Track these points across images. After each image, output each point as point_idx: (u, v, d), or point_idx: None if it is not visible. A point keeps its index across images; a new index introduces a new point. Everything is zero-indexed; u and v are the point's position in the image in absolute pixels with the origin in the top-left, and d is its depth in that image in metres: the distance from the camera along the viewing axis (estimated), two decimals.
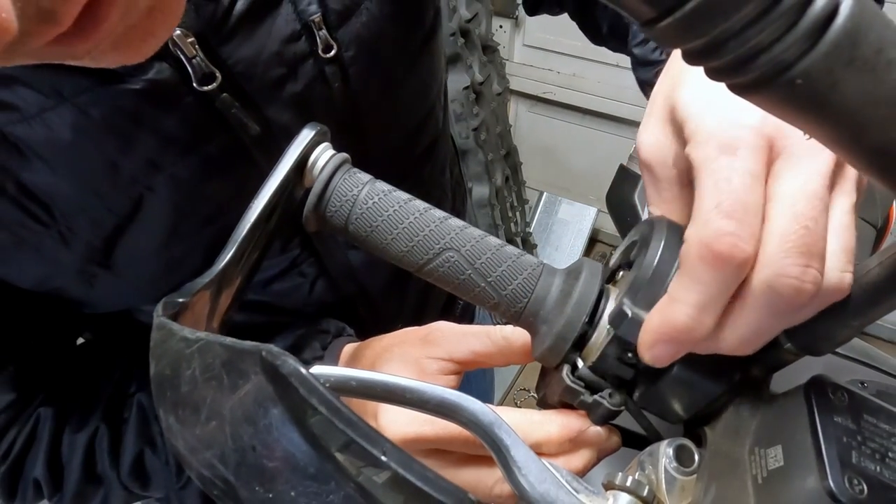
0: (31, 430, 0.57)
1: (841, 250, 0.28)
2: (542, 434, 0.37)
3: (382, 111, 0.58)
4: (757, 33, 0.18)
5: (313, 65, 0.51)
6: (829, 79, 0.18)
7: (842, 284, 0.28)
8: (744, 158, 0.29)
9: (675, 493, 0.34)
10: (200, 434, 0.26)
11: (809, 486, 0.27)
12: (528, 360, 0.42)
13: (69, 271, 0.50)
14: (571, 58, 2.38)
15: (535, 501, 0.30)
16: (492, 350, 0.43)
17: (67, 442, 0.57)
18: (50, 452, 0.56)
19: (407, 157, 0.66)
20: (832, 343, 0.31)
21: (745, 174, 0.28)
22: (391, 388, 0.31)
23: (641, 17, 0.19)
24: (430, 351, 0.43)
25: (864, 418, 0.30)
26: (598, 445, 0.39)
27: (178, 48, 0.43)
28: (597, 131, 2.53)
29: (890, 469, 0.28)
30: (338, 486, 0.24)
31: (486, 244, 0.38)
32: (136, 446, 0.58)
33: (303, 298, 0.63)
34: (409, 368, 0.43)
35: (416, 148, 0.67)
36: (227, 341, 0.26)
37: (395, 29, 0.56)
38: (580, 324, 0.35)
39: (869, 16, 0.18)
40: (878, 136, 0.20)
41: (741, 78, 0.19)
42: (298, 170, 0.38)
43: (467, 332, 0.43)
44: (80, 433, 0.57)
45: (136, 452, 0.58)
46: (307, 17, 0.49)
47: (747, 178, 0.28)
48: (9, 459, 0.56)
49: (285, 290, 0.62)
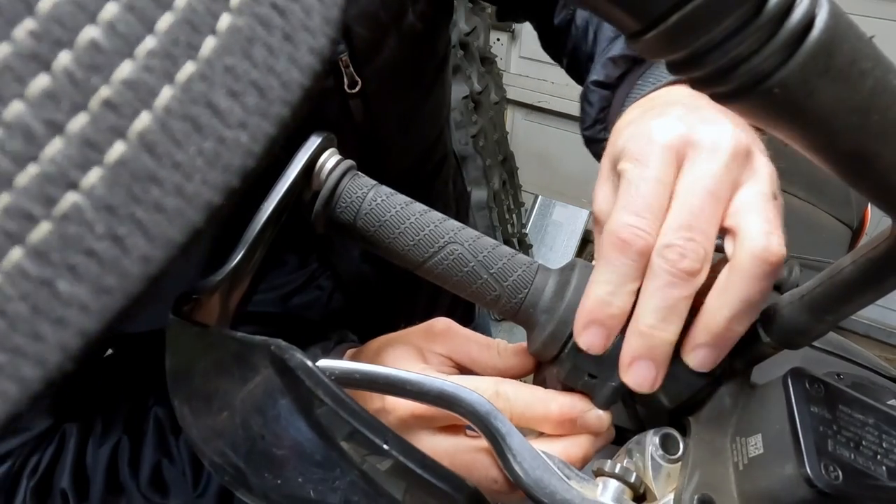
0: (59, 444, 0.57)
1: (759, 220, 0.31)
2: (542, 410, 0.37)
3: (400, 138, 0.59)
4: (737, 45, 0.18)
5: (339, 100, 0.51)
6: (805, 88, 0.18)
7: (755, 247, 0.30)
8: (651, 168, 0.32)
9: (661, 479, 0.34)
10: (213, 424, 0.26)
11: (788, 472, 0.27)
12: (522, 373, 0.41)
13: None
14: None
15: (529, 487, 0.30)
16: (489, 358, 0.41)
17: (91, 454, 0.56)
18: (75, 465, 0.56)
19: (418, 175, 0.66)
20: (808, 337, 0.31)
21: (651, 180, 0.32)
22: (393, 381, 0.31)
23: (627, 30, 0.19)
24: (432, 345, 0.43)
25: (840, 408, 0.30)
26: (599, 430, 0.38)
27: None
28: None
29: (863, 456, 0.28)
30: (343, 472, 0.24)
31: (484, 242, 0.38)
32: (153, 458, 0.57)
33: (321, 310, 0.64)
34: (412, 354, 0.42)
35: (427, 166, 0.67)
36: (238, 336, 0.26)
37: (414, 61, 0.56)
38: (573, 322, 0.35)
39: (843, 28, 0.18)
40: (851, 143, 0.20)
41: (722, 87, 0.19)
42: (306, 174, 0.38)
43: (470, 338, 0.42)
44: (104, 446, 0.56)
45: (154, 463, 0.56)
46: (335, 56, 0.49)
47: (652, 183, 0.32)
48: (37, 474, 0.56)
49: (304, 303, 0.62)
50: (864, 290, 0.28)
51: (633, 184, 0.32)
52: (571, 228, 2.63)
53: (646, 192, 0.32)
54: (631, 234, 0.31)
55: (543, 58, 2.59)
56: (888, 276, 0.26)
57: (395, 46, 0.53)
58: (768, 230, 0.30)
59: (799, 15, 0.18)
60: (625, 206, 0.32)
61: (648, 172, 0.32)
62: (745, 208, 0.31)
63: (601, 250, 0.33)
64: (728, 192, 0.31)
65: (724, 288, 0.31)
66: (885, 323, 2.39)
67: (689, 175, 0.31)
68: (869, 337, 2.43)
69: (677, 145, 0.32)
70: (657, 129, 0.33)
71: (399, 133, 0.59)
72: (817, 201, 1.82)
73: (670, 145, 0.32)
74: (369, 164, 0.54)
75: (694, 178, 0.31)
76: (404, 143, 0.60)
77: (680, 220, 0.31)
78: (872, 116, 0.19)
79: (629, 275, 0.31)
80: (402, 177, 0.61)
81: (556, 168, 2.68)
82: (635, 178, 0.32)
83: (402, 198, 0.39)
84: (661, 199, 0.31)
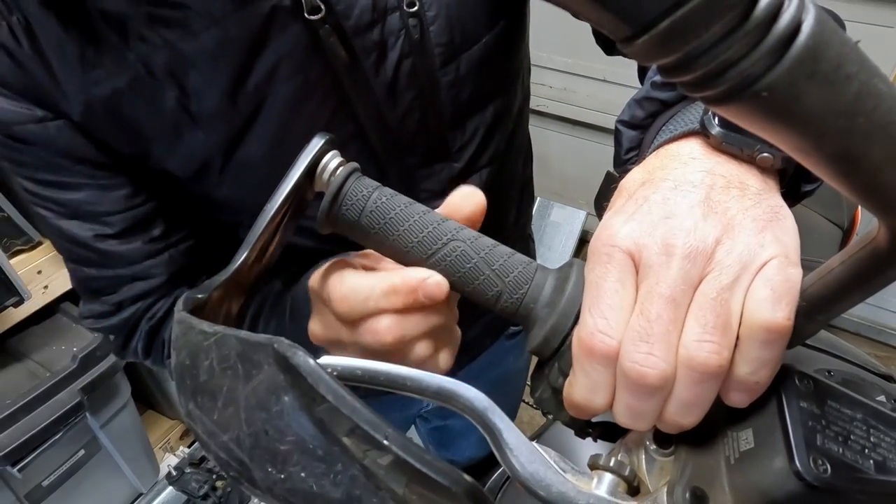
0: (173, 302, 0.65)
1: (696, 325, 0.30)
2: (388, 283, 0.38)
3: (453, 70, 0.61)
4: (725, 50, 0.18)
5: (399, 17, 0.55)
6: (792, 91, 0.18)
7: (697, 354, 0.29)
8: (612, 269, 0.32)
9: (654, 472, 0.34)
10: (218, 419, 0.26)
11: (777, 466, 0.27)
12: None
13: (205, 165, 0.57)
14: (563, 74, 2.38)
15: (526, 480, 0.30)
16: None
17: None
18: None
19: (471, 117, 0.66)
20: (801, 337, 0.30)
21: (613, 281, 0.32)
22: (394, 376, 0.31)
23: (619, 36, 0.19)
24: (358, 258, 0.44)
25: (828, 404, 0.30)
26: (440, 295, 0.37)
27: None
28: (586, 141, 2.53)
29: (851, 450, 0.28)
30: (345, 467, 0.24)
31: (484, 241, 0.38)
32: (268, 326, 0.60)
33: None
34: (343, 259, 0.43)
35: (483, 112, 0.67)
36: (242, 334, 0.26)
37: (477, 4, 0.59)
38: (574, 314, 0.35)
39: (829, 34, 0.18)
40: (837, 145, 0.20)
41: (711, 91, 0.19)
42: (309, 175, 0.38)
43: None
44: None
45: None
46: None
47: (614, 284, 0.32)
48: (153, 321, 0.65)
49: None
50: (854, 289, 0.28)
51: (594, 285, 0.32)
52: (569, 229, 2.63)
53: (607, 293, 0.32)
54: (597, 342, 0.31)
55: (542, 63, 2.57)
56: (876, 274, 0.26)
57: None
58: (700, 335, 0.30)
59: (786, 21, 0.18)
60: (589, 308, 0.32)
61: (609, 274, 0.32)
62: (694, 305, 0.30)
63: (573, 352, 0.33)
64: (687, 294, 0.30)
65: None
66: (876, 321, 2.39)
67: (645, 282, 0.31)
68: (860, 335, 2.43)
69: (633, 250, 0.32)
70: (618, 230, 0.33)
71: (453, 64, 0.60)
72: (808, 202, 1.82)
73: (629, 249, 0.32)
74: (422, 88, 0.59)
75: (649, 285, 0.31)
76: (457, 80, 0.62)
77: (638, 328, 0.30)
78: (858, 119, 0.19)
79: (602, 380, 0.32)
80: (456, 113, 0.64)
81: (555, 170, 2.68)
82: (597, 278, 0.32)
83: (405, 198, 0.39)
84: (624, 299, 0.31)
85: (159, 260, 0.62)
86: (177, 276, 0.64)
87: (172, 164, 0.57)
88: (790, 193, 0.39)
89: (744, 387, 0.30)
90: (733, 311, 0.30)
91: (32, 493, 1.46)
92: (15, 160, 0.56)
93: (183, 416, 0.29)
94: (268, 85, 0.53)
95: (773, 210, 0.33)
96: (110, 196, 0.59)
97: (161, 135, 0.55)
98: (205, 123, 0.54)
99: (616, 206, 0.36)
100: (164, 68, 0.51)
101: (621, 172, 0.40)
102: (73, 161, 0.56)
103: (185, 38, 0.50)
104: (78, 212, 0.58)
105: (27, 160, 0.55)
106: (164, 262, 0.63)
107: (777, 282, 0.29)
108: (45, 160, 0.55)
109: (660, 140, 0.42)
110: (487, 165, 0.71)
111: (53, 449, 1.44)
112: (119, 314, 0.64)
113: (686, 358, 0.30)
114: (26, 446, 1.37)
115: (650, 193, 0.34)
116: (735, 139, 0.36)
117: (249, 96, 0.53)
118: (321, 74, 0.54)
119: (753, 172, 0.36)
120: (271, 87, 0.53)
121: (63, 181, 0.57)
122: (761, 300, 0.29)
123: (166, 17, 0.49)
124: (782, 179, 0.38)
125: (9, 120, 0.52)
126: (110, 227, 0.59)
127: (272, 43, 0.52)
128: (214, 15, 0.49)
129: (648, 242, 0.32)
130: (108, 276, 0.62)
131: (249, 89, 0.53)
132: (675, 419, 0.31)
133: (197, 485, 1.74)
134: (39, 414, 1.40)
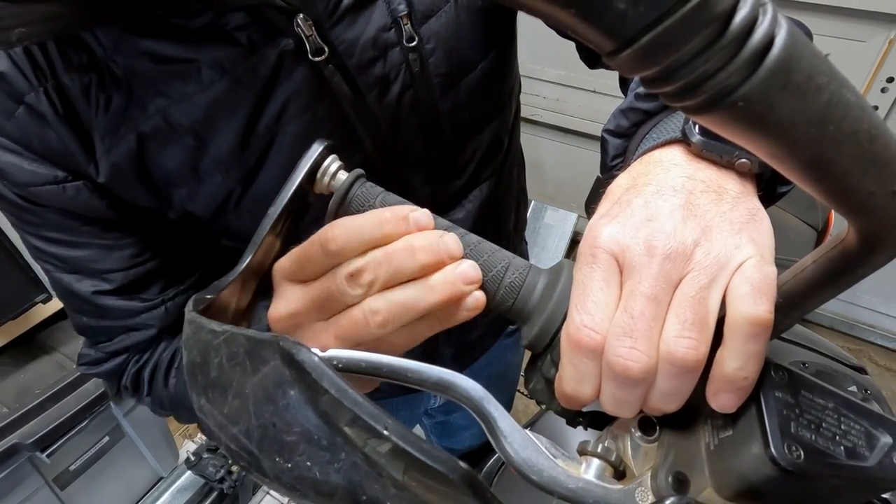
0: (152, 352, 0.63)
1: (676, 321, 0.30)
2: (375, 219, 0.35)
3: (452, 97, 0.60)
4: (703, 63, 0.18)
5: (399, 52, 0.55)
6: (766, 101, 0.18)
7: (677, 349, 0.29)
8: (597, 269, 0.32)
9: (639, 458, 0.34)
10: (228, 412, 0.26)
11: (754, 451, 0.27)
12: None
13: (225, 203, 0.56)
14: (556, 85, 2.37)
15: (519, 465, 0.30)
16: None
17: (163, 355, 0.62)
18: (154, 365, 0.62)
19: (472, 138, 0.66)
20: (776, 330, 0.30)
21: (598, 280, 0.32)
22: (395, 368, 0.31)
23: (604, 50, 0.19)
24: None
25: (802, 394, 0.29)
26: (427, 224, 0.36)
27: (300, 28, 0.49)
28: (577, 148, 2.52)
29: (824, 437, 0.28)
30: (347, 456, 0.24)
31: (484, 246, 0.38)
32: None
33: None
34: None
35: (482, 132, 0.67)
36: (249, 333, 0.26)
37: (472, 34, 0.59)
38: (564, 311, 0.35)
39: (801, 47, 0.18)
40: (809, 151, 0.20)
41: (690, 101, 0.19)
42: (310, 178, 0.38)
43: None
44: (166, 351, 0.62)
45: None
46: (397, 14, 0.54)
47: (599, 283, 0.32)
48: (139, 364, 0.62)
49: None
50: (825, 287, 0.28)
51: (581, 283, 0.32)
52: (561, 230, 2.63)
53: (592, 290, 0.32)
54: (584, 337, 0.31)
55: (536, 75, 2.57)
56: (846, 272, 0.26)
57: (452, 14, 0.57)
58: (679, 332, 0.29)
59: (760, 35, 0.17)
60: (576, 305, 0.32)
61: (594, 273, 0.32)
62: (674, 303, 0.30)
63: (561, 346, 0.33)
64: (667, 293, 0.30)
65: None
66: (848, 316, 2.39)
67: (629, 281, 0.31)
68: (833, 329, 2.42)
69: (617, 252, 0.32)
70: (602, 232, 0.32)
71: (452, 91, 0.60)
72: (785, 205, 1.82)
73: (612, 250, 0.32)
74: (425, 116, 0.58)
75: (632, 284, 0.31)
76: (458, 105, 0.61)
77: (622, 323, 0.30)
78: (828, 127, 0.19)
79: (589, 371, 0.32)
80: (457, 137, 0.63)
81: (548, 175, 2.68)
82: (583, 276, 0.32)
83: (411, 204, 0.39)
84: (608, 297, 0.31)
85: (155, 314, 0.61)
86: (171, 328, 0.62)
87: (196, 207, 0.56)
88: (767, 195, 0.39)
89: (733, 385, 0.29)
90: (711, 310, 0.30)
91: (60, 477, 1.47)
92: (25, 220, 0.54)
93: (195, 410, 0.28)
94: (277, 125, 0.53)
95: (749, 212, 0.33)
96: (114, 255, 0.57)
97: (183, 180, 0.54)
98: (221, 166, 0.53)
99: (602, 209, 0.36)
100: (180, 119, 0.50)
101: (608, 178, 0.40)
102: (83, 222, 0.54)
103: (198, 91, 0.49)
104: (79, 268, 0.57)
105: (37, 221, 0.54)
106: (160, 315, 0.61)
107: (756, 279, 0.29)
108: (55, 221, 0.54)
109: (644, 148, 0.42)
110: (487, 180, 0.70)
111: (80, 436, 1.44)
112: (112, 361, 0.62)
113: (666, 353, 0.29)
114: (54, 433, 1.37)
115: (634, 198, 0.34)
116: (714, 146, 0.36)
117: (261, 137, 0.53)
118: (328, 111, 0.54)
119: (732, 177, 0.36)
120: (281, 126, 0.53)
121: (69, 240, 0.55)
122: (743, 296, 0.29)
123: (182, 72, 0.48)
124: (760, 182, 0.37)
125: (26, 181, 0.50)
126: (110, 284, 0.58)
127: (280, 86, 0.51)
128: (224, 66, 0.49)
129: (631, 244, 0.31)
130: (104, 327, 0.60)
131: (261, 130, 0.52)
132: (657, 406, 0.31)
133: (214, 469, 1.74)
134: (66, 403, 1.40)
